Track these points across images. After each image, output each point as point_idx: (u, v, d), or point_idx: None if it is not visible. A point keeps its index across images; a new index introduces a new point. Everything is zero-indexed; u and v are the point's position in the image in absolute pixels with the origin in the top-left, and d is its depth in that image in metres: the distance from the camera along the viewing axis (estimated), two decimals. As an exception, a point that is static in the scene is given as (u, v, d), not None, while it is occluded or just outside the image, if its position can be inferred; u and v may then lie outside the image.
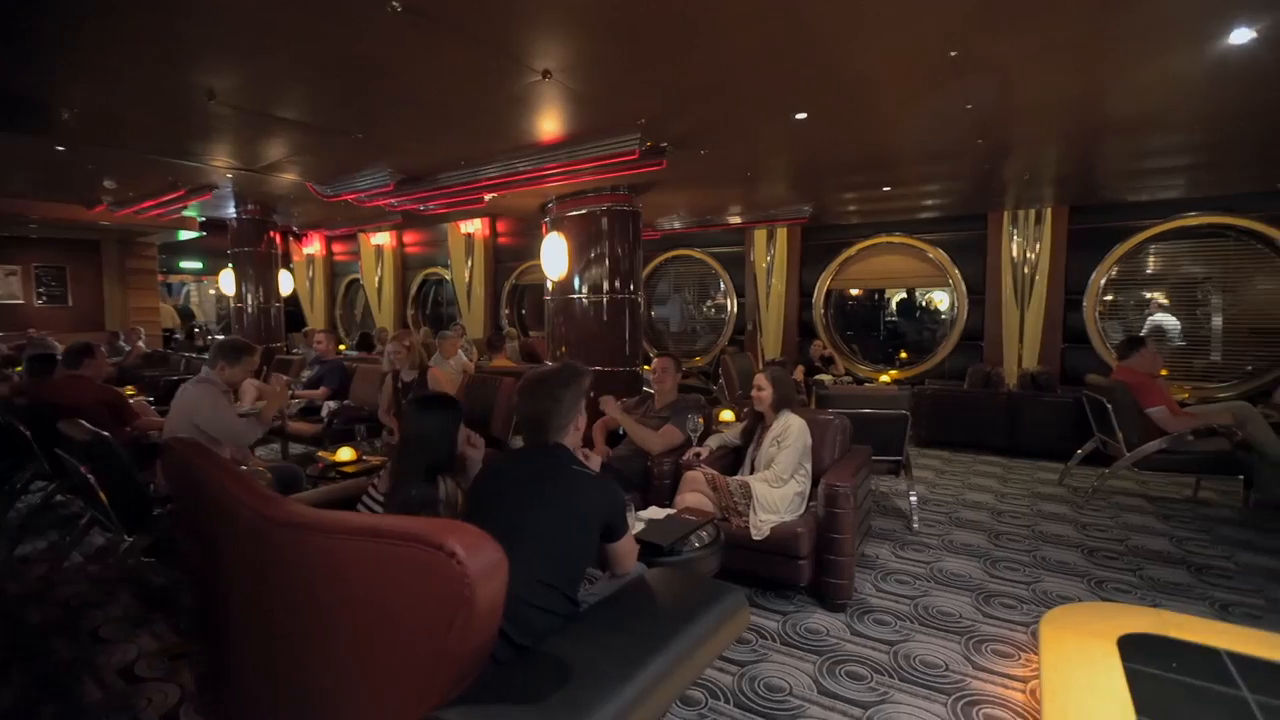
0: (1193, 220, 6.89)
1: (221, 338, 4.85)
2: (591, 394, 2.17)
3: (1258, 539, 3.98)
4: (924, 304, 10.09)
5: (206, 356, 3.67)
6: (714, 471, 3.20)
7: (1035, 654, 2.62)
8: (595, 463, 2.05)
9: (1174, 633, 2.71)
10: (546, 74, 3.30)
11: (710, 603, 1.72)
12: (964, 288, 7.95)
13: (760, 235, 8.85)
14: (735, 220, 8.48)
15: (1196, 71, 3.13)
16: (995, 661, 2.66)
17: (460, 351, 6.75)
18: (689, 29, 2.80)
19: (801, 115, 3.94)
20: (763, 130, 4.37)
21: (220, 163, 5.37)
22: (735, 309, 9.45)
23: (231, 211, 7.66)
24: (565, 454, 1.92)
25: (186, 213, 8.37)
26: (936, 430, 6.47)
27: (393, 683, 1.31)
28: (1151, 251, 7.33)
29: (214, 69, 3.33)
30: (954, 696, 2.42)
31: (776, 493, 3.07)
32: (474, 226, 10.07)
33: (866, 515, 3.69)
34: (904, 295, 10.09)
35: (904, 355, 8.97)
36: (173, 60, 3.22)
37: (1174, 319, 7.27)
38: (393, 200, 6.28)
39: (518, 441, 3.63)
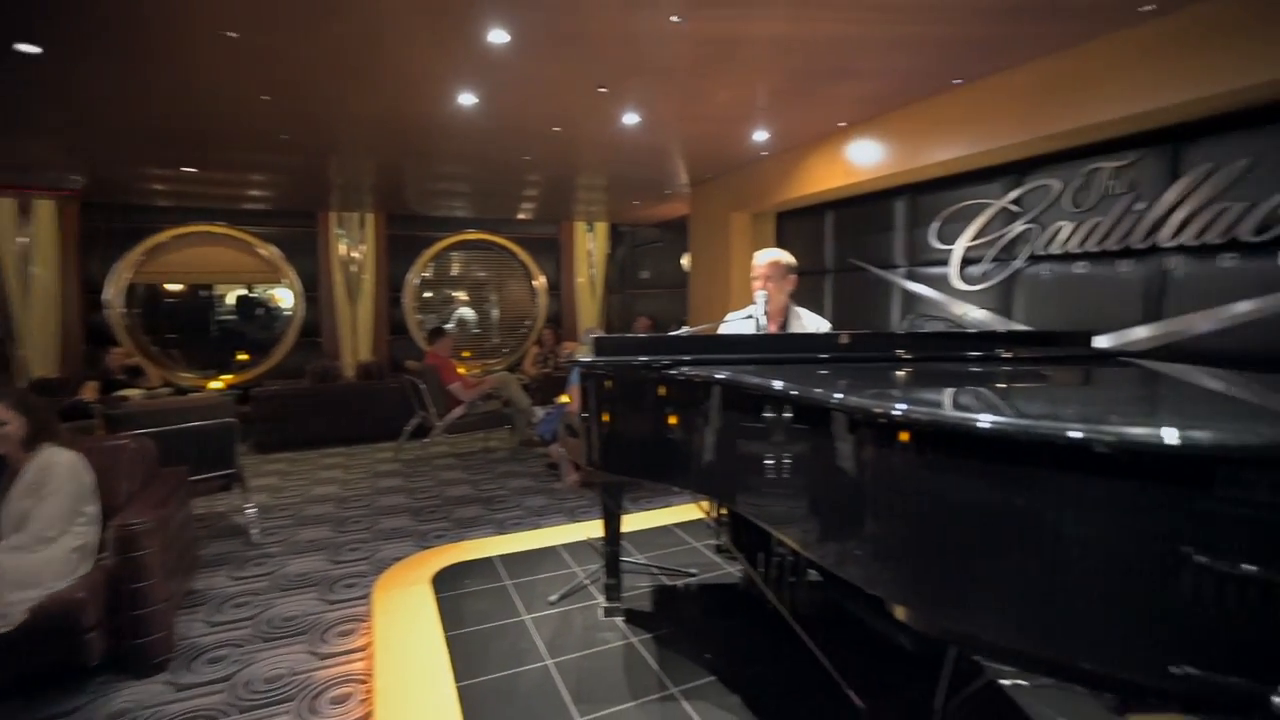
0: (473, 236, 8.92)
1: None
2: None
3: (519, 469, 5.57)
4: (267, 301, 9.48)
5: None
6: (-93, 559, 2.13)
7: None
8: None
9: (468, 556, 3.47)
10: None
11: None
12: (300, 285, 7.92)
13: (7, 207, 6.36)
14: (-50, 181, 5.80)
15: (441, 119, 3.99)
16: (340, 644, 2.78)
17: None
18: None
19: (30, 48, 2.97)
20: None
21: None
22: (-33, 310, 6.53)
23: None
24: None
25: None
26: (280, 432, 6.24)
27: None
28: (454, 258, 9.09)
29: None
30: (299, 699, 2.40)
31: (36, 559, 2.30)
32: None
33: (190, 547, 3.23)
34: (244, 291, 9.19)
35: (244, 357, 8.22)
36: None
37: (472, 312, 9.27)
38: None
39: None
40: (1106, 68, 2.83)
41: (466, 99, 3.59)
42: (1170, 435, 1.03)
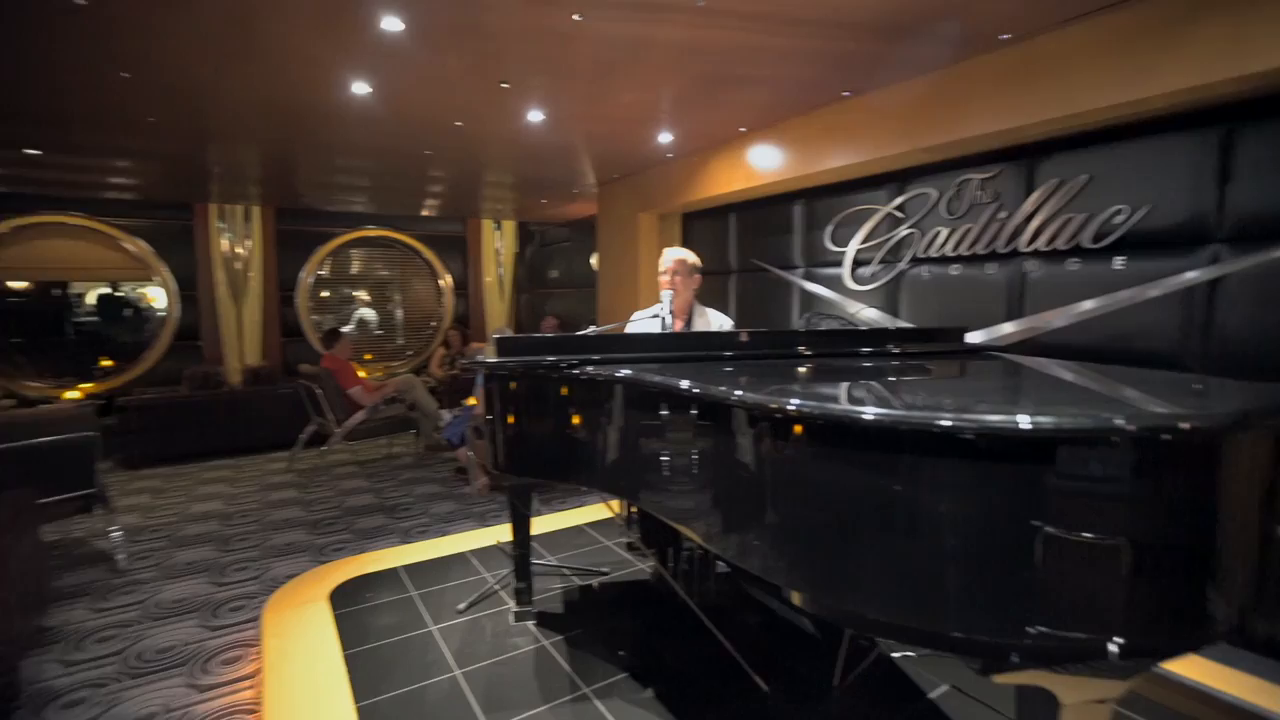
0: (372, 232, 8.49)
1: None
2: None
3: (426, 475, 5.37)
4: (136, 301, 8.57)
5: None
6: None
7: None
8: None
9: (370, 569, 3.32)
10: None
11: None
12: (175, 284, 7.24)
13: None
14: None
15: (333, 108, 3.76)
16: (224, 673, 2.57)
17: None
18: None
19: None
20: None
21: None
22: None
23: None
24: None
25: None
26: (154, 445, 5.68)
27: None
28: (353, 255, 8.61)
29: None
30: (175, 735, 2.21)
31: None
32: None
33: (41, 578, 2.89)
34: (108, 290, 8.26)
35: (108, 363, 7.42)
36: None
37: (373, 312, 8.81)
38: None
39: None
40: (972, 88, 3.11)
41: (360, 88, 3.41)
42: (1023, 421, 1.15)
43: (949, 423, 1.18)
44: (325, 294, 8.40)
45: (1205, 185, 2.59)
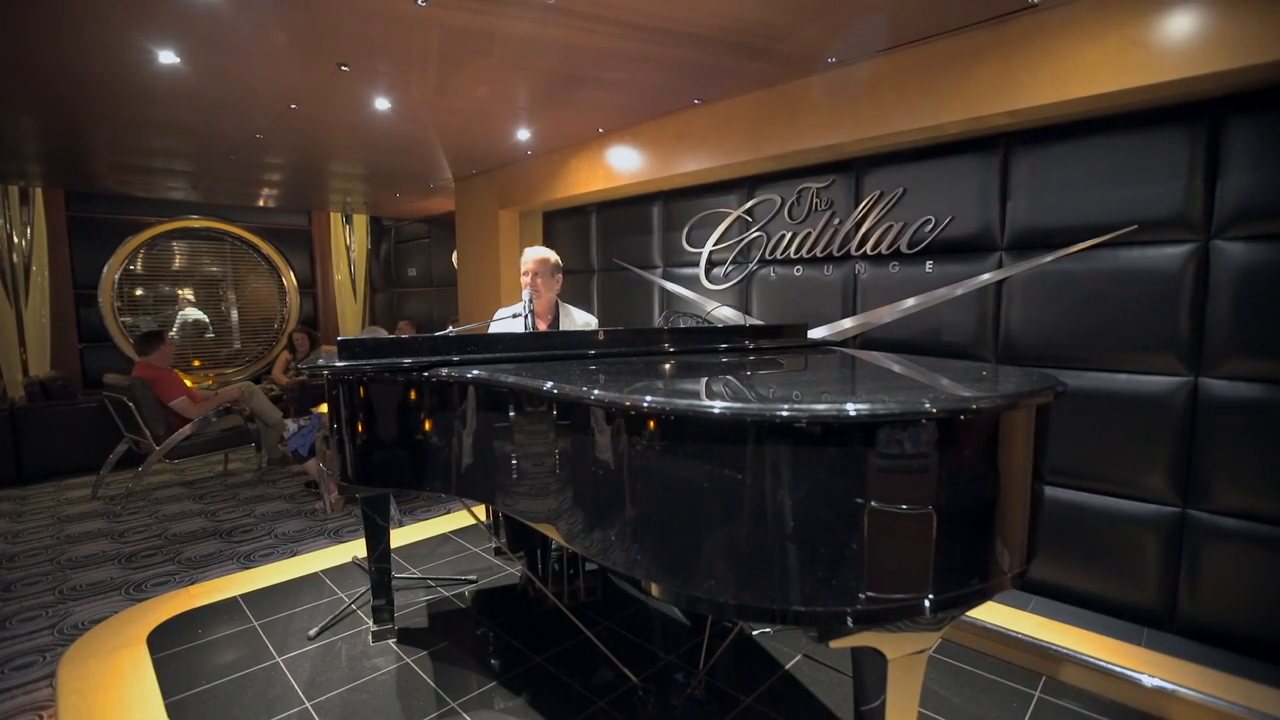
0: (196, 223, 7.54)
1: None
2: None
3: (270, 491, 4.89)
4: None
5: None
6: None
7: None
8: None
9: (201, 602, 2.97)
10: None
11: None
12: (-76, 280, 5.95)
13: None
14: None
15: (136, 79, 3.28)
16: (6, 743, 2.18)
17: None
18: None
19: None
20: None
21: None
22: None
23: None
24: None
25: None
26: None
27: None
28: (175, 249, 7.57)
29: None
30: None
31: None
32: None
33: None
34: None
35: None
36: None
37: (201, 313, 7.81)
38: None
39: None
40: (805, 104, 3.38)
41: (167, 57, 3.00)
42: (851, 408, 1.27)
43: (787, 413, 1.29)
44: (140, 292, 7.34)
45: (990, 201, 3.03)
